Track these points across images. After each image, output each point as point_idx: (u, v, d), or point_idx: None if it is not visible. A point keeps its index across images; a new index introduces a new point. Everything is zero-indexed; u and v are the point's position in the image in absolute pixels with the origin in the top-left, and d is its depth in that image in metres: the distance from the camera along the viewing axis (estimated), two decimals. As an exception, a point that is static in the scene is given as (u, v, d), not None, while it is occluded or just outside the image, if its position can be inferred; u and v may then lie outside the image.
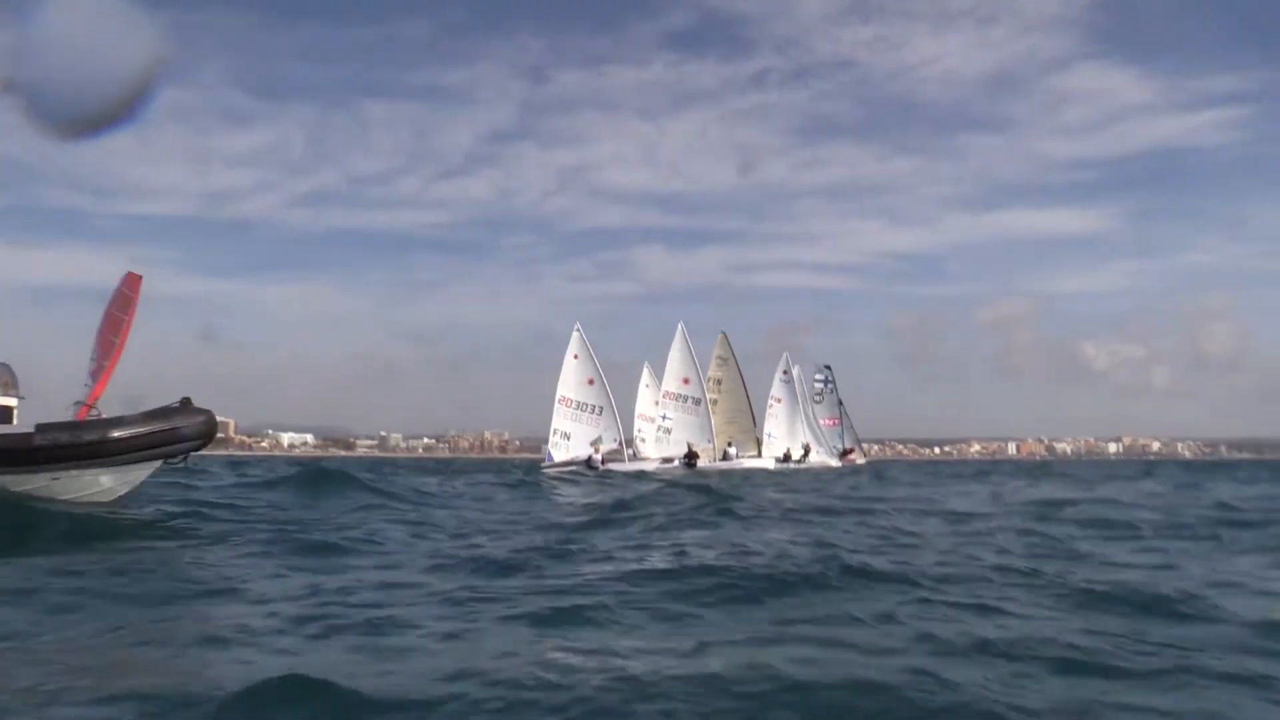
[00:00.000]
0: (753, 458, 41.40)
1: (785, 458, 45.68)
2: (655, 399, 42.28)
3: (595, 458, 35.74)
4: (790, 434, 49.60)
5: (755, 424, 45.10)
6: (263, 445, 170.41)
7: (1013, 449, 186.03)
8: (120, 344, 13.90)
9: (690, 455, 38.54)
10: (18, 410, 13.61)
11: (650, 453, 40.03)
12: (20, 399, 13.63)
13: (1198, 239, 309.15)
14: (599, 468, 34.70)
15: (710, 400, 42.08)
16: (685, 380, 41.44)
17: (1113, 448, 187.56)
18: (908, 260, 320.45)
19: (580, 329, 38.12)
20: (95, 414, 13.82)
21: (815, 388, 57.86)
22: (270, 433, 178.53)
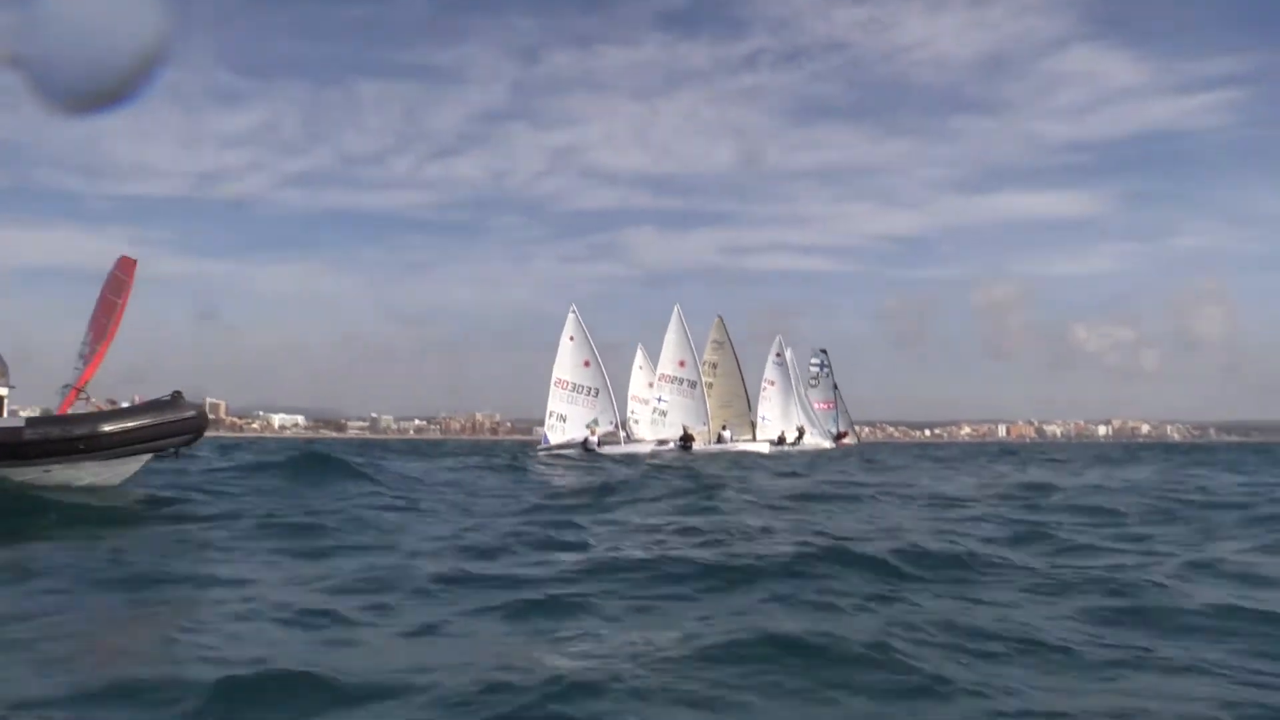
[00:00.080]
0: (747, 441, 41.39)
1: (780, 440, 45.88)
2: (649, 381, 42.24)
3: (592, 440, 35.77)
4: (784, 416, 49.75)
5: (750, 408, 45.14)
6: (254, 427, 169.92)
7: (1003, 431, 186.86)
8: (113, 328, 13.85)
9: (685, 438, 38.54)
10: (8, 399, 13.43)
11: (645, 435, 40.00)
12: (11, 388, 13.48)
13: (1190, 222, 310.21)
14: (595, 450, 34.76)
15: (706, 384, 42.02)
16: (681, 363, 41.33)
17: (1102, 430, 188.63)
18: (900, 243, 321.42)
19: (576, 311, 38.01)
20: (84, 397, 13.73)
21: (811, 371, 58.03)
22: (261, 414, 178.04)
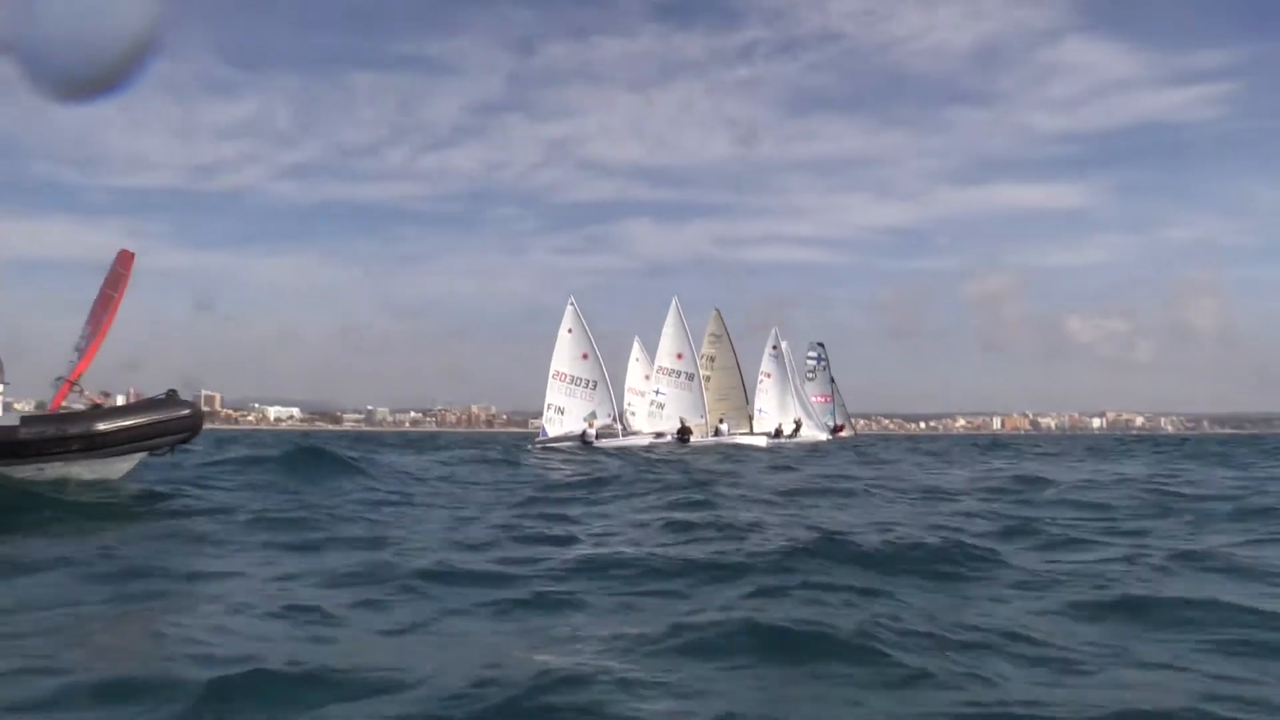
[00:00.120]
0: (745, 434, 41.44)
1: (777, 433, 46.08)
2: (646, 373, 42.23)
3: (590, 433, 35.79)
4: (781, 408, 49.86)
5: (748, 401, 45.20)
6: (249, 419, 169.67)
7: (998, 424, 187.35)
8: (107, 321, 13.76)
9: (683, 431, 38.62)
10: (3, 394, 13.30)
11: (642, 427, 40.01)
12: (5, 384, 13.34)
13: (1184, 214, 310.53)
14: (593, 443, 34.83)
15: (704, 377, 42.01)
16: (679, 355, 41.31)
17: (1096, 423, 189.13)
18: (895, 234, 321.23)
19: (574, 303, 37.86)
20: (78, 389, 13.67)
21: (808, 365, 58.01)
22: (256, 406, 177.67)
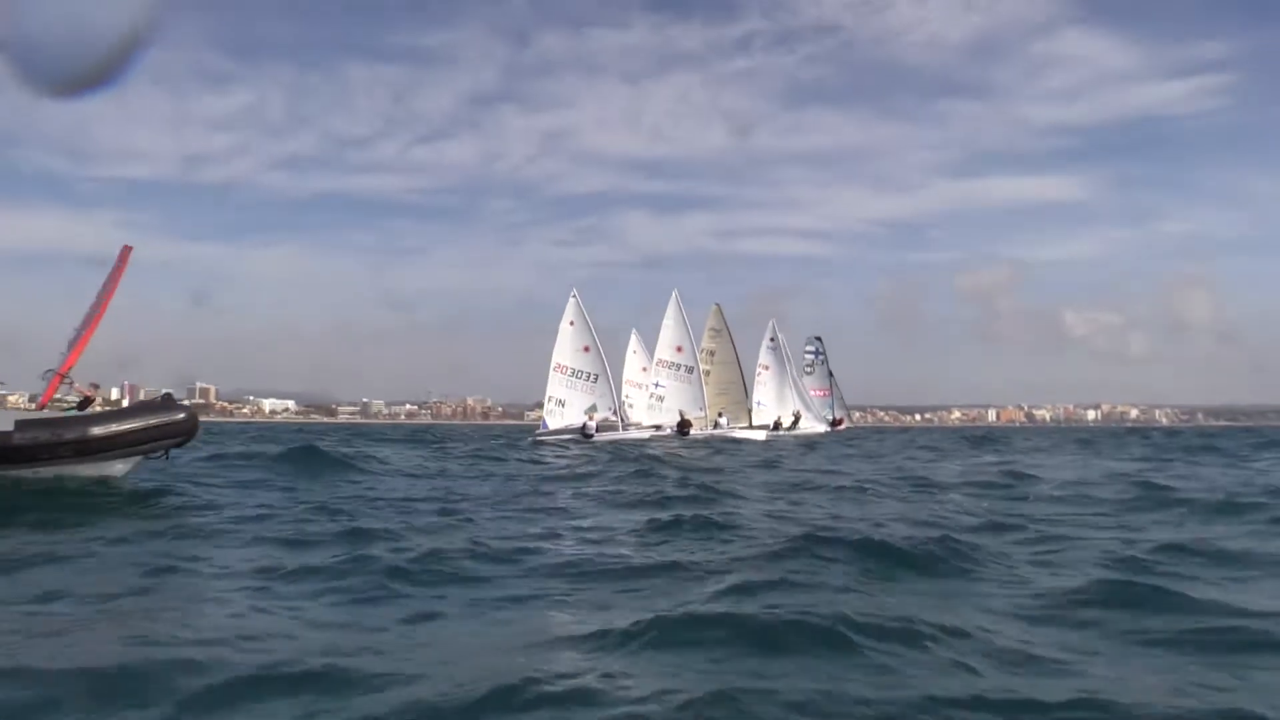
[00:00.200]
0: (744, 428, 41.43)
1: (776, 426, 46.57)
2: (644, 365, 42.17)
3: (590, 426, 35.65)
4: (779, 401, 50.21)
5: (747, 395, 45.42)
6: (244, 412, 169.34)
7: (993, 416, 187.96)
8: (99, 314, 13.69)
9: (682, 424, 38.70)
10: None
11: (641, 420, 40.02)
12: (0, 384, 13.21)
13: (1179, 207, 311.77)
14: (593, 436, 34.81)
15: (703, 371, 41.95)
16: (679, 349, 41.34)
17: (1091, 415, 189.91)
18: (890, 227, 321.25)
19: (577, 295, 37.62)
20: (68, 382, 13.64)
21: (806, 359, 58.24)
22: (252, 399, 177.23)
